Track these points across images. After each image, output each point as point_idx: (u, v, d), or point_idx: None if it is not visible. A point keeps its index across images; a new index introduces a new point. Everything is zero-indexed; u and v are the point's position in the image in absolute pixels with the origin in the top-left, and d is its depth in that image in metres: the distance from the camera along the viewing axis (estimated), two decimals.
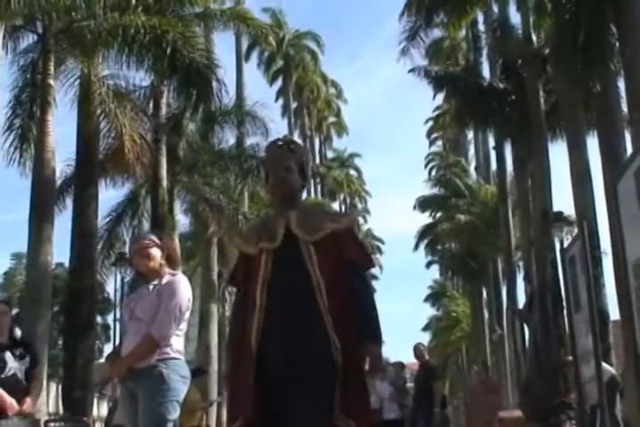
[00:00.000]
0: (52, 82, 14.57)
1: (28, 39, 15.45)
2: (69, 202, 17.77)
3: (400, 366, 13.57)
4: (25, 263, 17.60)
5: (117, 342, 5.08)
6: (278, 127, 51.16)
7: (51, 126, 14.30)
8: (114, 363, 4.52)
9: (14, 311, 7.12)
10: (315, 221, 3.74)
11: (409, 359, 14.20)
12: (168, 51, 14.58)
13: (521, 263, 24.75)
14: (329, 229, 3.68)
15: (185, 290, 4.49)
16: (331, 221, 3.75)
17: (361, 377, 3.64)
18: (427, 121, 56.76)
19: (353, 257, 3.72)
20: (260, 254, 3.71)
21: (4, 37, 13.78)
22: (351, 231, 3.81)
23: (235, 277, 3.90)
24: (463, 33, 26.31)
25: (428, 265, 46.88)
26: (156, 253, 4.53)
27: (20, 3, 11.58)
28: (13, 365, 5.90)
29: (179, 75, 15.65)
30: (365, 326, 3.63)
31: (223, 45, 55.25)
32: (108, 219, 20.74)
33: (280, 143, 3.85)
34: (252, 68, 42.82)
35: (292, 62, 44.32)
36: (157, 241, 4.58)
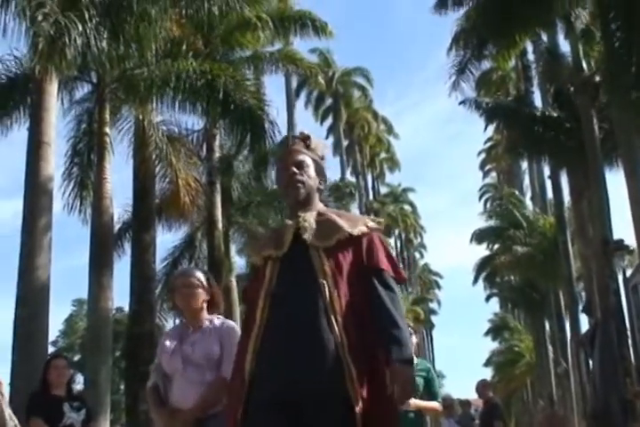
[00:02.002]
0: (107, 130, 14.83)
1: (83, 89, 15.83)
2: (128, 247, 18.00)
3: (466, 403, 13.35)
4: (86, 309, 17.78)
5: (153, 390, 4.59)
6: (330, 165, 51.28)
7: (108, 173, 14.53)
8: (175, 415, 4.18)
9: (76, 358, 7.26)
10: (331, 224, 3.17)
11: (472, 395, 13.96)
12: (220, 95, 14.75)
13: (583, 294, 24.30)
14: (346, 233, 3.14)
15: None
16: (350, 224, 3.18)
17: (387, 418, 2.98)
18: (479, 153, 56.60)
19: (377, 264, 3.13)
20: (266, 264, 3.21)
21: (59, 88, 14.12)
22: (376, 236, 3.22)
23: (245, 294, 3.38)
24: (512, 63, 26.19)
25: (488, 298, 46.34)
26: (200, 294, 4.33)
27: (74, 54, 11.84)
28: (71, 415, 6.08)
29: (231, 118, 15.81)
30: (392, 346, 2.95)
31: (273, 85, 55.78)
32: (165, 262, 20.94)
33: (294, 138, 3.38)
34: (302, 106, 43.16)
35: (341, 100, 44.57)
36: (204, 282, 4.37)
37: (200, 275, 4.41)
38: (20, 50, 13.89)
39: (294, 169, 3.24)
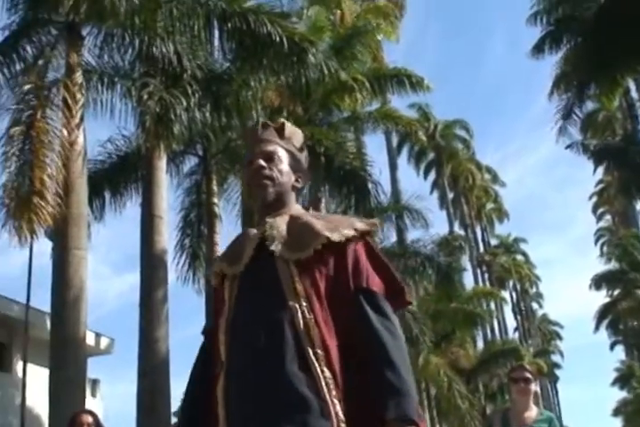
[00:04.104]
0: (216, 200, 15.12)
1: (190, 162, 16.23)
2: None
3: None
4: None
5: None
6: (436, 219, 50.95)
7: (219, 243, 14.74)
8: None
9: None
10: (306, 229, 2.44)
11: None
12: (322, 159, 14.88)
13: None
14: (323, 240, 2.39)
15: None
16: (331, 228, 2.43)
17: None
18: (591, 196, 55.23)
19: (367, 284, 2.37)
20: (224, 285, 2.52)
21: (167, 163, 14.51)
22: (364, 245, 2.47)
23: (208, 327, 2.66)
24: (617, 102, 25.63)
25: (612, 346, 44.60)
26: None
27: (180, 128, 12.16)
28: None
29: (334, 181, 15.91)
30: (388, 398, 2.19)
31: (374, 143, 56.16)
32: None
33: (265, 125, 2.68)
34: (404, 162, 43.04)
35: (443, 153, 44.33)
36: None
37: None
38: (129, 129, 14.41)
39: (261, 162, 2.55)
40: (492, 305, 43.28)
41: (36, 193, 10.47)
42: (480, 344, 37.63)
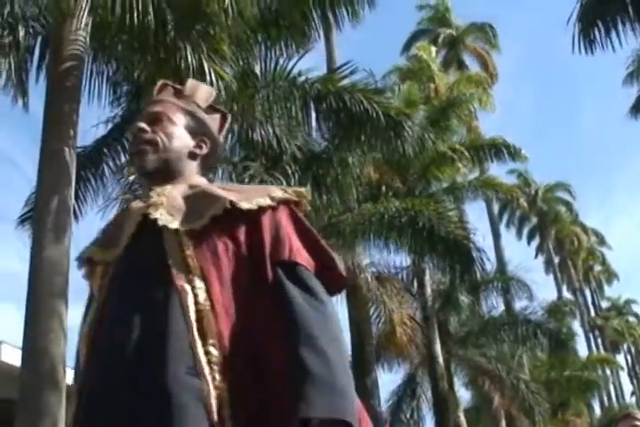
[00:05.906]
0: None
1: None
2: None
3: None
4: None
5: None
6: (543, 284, 49.72)
7: None
8: None
9: None
10: (205, 196, 1.89)
11: None
12: (424, 230, 14.77)
13: None
14: (225, 204, 1.83)
15: None
16: (240, 196, 1.87)
17: None
18: None
19: (289, 256, 1.79)
20: (95, 276, 1.94)
21: None
22: (287, 213, 1.90)
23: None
24: None
25: None
26: None
27: None
28: None
29: (437, 251, 15.71)
30: (307, 390, 1.58)
31: (474, 210, 55.75)
32: (389, 402, 20.58)
33: (163, 85, 2.17)
34: (503, 227, 42.51)
35: (546, 218, 43.58)
36: None
37: None
38: None
39: (141, 125, 2.00)
40: (608, 371, 41.64)
41: None
42: (597, 410, 36.09)
